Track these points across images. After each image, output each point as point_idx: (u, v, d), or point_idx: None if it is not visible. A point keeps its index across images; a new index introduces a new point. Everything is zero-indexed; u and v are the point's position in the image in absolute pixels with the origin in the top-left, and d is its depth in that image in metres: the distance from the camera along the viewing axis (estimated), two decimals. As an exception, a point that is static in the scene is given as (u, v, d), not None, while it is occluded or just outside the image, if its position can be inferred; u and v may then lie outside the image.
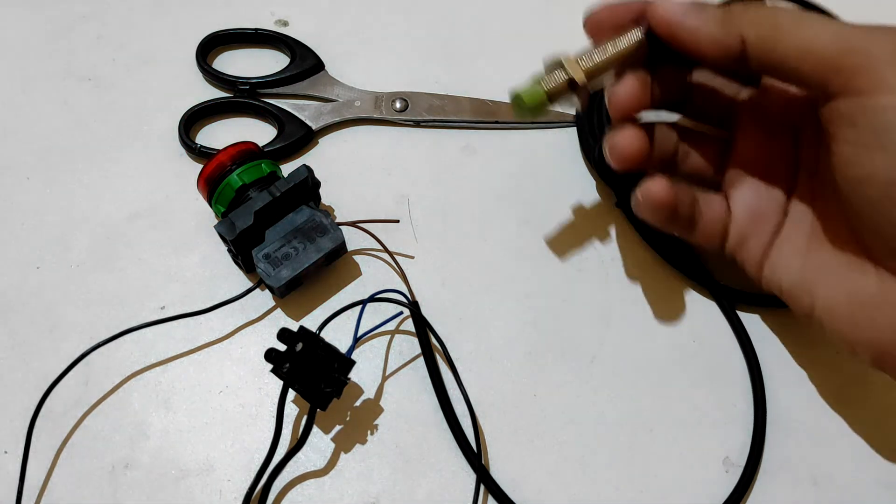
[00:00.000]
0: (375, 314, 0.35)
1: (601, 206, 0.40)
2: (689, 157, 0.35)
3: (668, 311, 0.37)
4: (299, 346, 0.31)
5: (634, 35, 0.31)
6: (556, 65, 0.31)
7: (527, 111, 0.31)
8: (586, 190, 0.40)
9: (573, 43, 0.45)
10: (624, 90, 0.32)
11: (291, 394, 0.33)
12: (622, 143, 0.32)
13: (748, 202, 0.34)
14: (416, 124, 0.42)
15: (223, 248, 0.37)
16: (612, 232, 0.39)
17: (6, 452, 0.33)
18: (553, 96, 0.31)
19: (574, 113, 0.32)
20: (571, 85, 0.31)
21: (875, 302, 0.29)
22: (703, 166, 0.35)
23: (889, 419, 0.34)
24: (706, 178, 0.35)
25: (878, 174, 0.26)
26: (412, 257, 0.38)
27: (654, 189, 0.32)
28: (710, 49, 0.30)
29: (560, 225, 0.39)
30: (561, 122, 0.43)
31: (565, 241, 0.39)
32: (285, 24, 0.46)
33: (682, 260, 0.37)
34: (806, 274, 0.32)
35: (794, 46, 0.27)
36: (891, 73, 0.25)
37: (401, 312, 0.35)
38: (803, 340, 0.36)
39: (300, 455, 0.32)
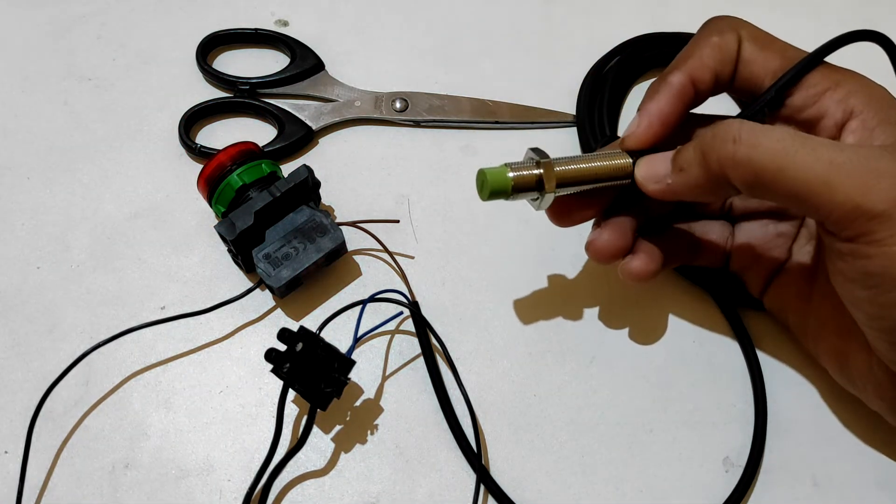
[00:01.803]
0: (375, 314, 0.35)
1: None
2: (697, 203, 0.36)
3: (668, 311, 0.37)
4: (299, 346, 0.31)
5: (623, 161, 0.30)
6: (533, 159, 0.30)
7: (487, 193, 0.29)
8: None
9: (572, 42, 0.46)
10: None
11: (291, 394, 0.33)
12: (602, 246, 0.32)
13: (753, 235, 0.34)
14: (416, 124, 0.42)
15: (223, 248, 0.37)
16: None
17: (6, 452, 0.33)
18: (518, 188, 0.29)
19: (535, 209, 0.31)
20: (539, 185, 0.30)
21: (865, 375, 0.30)
22: (710, 207, 0.36)
23: (889, 419, 0.34)
24: (713, 211, 0.36)
25: (862, 306, 0.26)
26: (412, 257, 0.38)
27: (634, 267, 0.32)
28: (704, 198, 0.29)
29: (560, 225, 0.39)
30: (561, 122, 0.43)
31: (565, 241, 0.39)
32: (285, 24, 0.46)
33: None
34: (808, 318, 0.33)
35: (782, 193, 0.26)
36: (878, 225, 0.24)
37: (401, 312, 0.35)
38: (803, 340, 0.36)
39: (300, 455, 0.32)
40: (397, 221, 0.38)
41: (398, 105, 0.42)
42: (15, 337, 0.35)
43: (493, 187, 0.29)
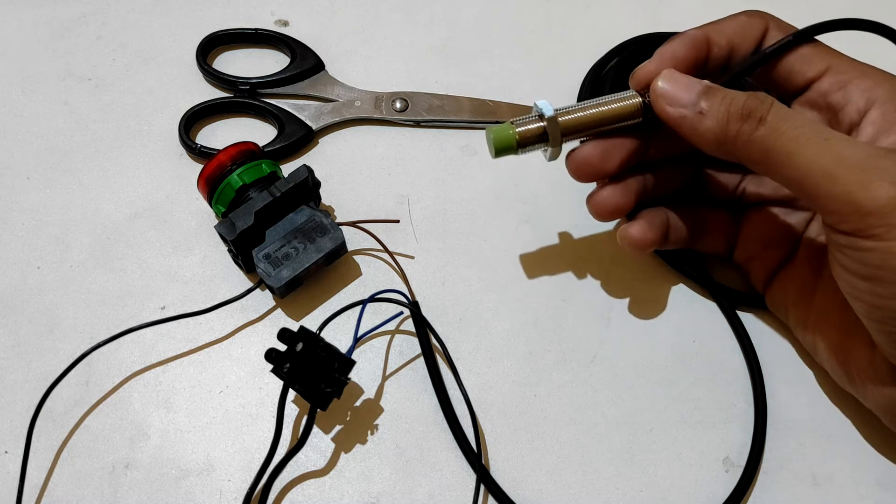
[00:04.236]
0: (375, 314, 0.35)
1: (601, 206, 0.40)
2: (709, 182, 0.36)
3: (668, 311, 0.37)
4: (299, 347, 0.31)
5: (630, 101, 0.31)
6: (537, 112, 0.31)
7: (493, 150, 0.30)
8: (586, 189, 0.40)
9: (572, 42, 0.46)
10: (583, 154, 0.32)
11: (291, 394, 0.33)
12: (601, 200, 0.33)
13: (762, 224, 0.34)
14: (416, 124, 0.42)
15: (223, 248, 0.37)
16: (613, 231, 0.39)
17: (6, 452, 0.33)
18: (523, 143, 0.30)
19: (547, 160, 0.32)
20: (544, 137, 0.30)
21: (865, 372, 0.30)
22: (722, 190, 0.36)
23: (889, 419, 0.34)
24: (725, 198, 0.36)
25: (862, 297, 0.27)
26: (412, 257, 0.38)
27: (632, 232, 0.32)
28: (703, 147, 0.29)
29: (560, 224, 0.39)
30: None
31: (565, 241, 0.39)
32: (285, 24, 0.46)
33: (683, 260, 0.37)
34: (811, 313, 0.32)
35: (785, 177, 0.26)
36: (873, 220, 0.25)
37: (401, 312, 0.35)
38: (803, 340, 0.36)
39: (300, 455, 0.32)
40: (397, 221, 0.38)
41: (398, 105, 0.42)
42: (15, 337, 0.35)
43: (498, 145, 0.30)
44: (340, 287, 0.37)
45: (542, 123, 0.30)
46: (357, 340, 0.33)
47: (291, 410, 0.34)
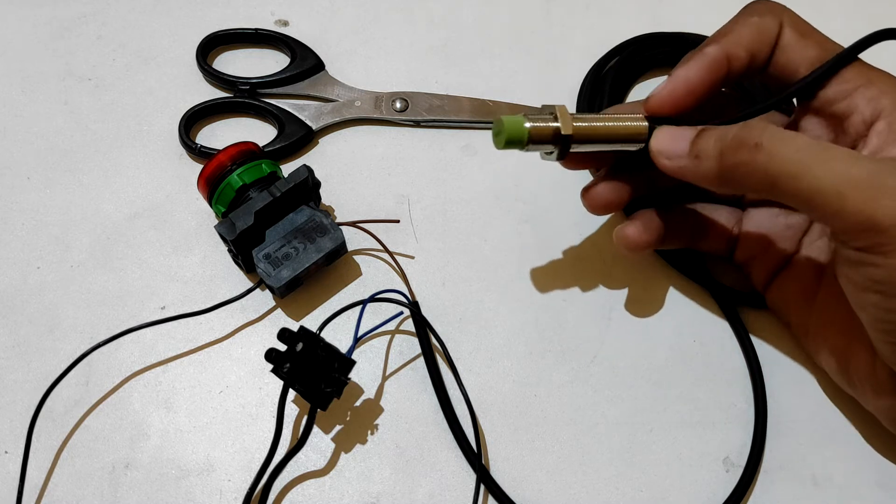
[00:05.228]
0: (375, 314, 0.35)
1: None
2: None
3: (668, 311, 0.37)
4: (299, 347, 0.31)
5: (641, 124, 0.31)
6: (552, 112, 0.30)
7: (502, 141, 0.30)
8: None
9: (572, 42, 0.46)
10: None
11: (291, 394, 0.33)
12: (595, 195, 0.33)
13: (762, 224, 0.34)
14: (416, 124, 0.42)
15: (223, 248, 0.37)
16: (613, 231, 0.39)
17: (6, 452, 0.33)
18: (534, 138, 0.30)
19: (550, 161, 0.32)
20: (555, 137, 0.30)
21: (866, 376, 0.30)
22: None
23: (889, 419, 0.34)
24: (726, 197, 0.36)
25: (869, 309, 0.27)
26: (412, 257, 0.38)
27: (628, 234, 0.33)
28: (712, 189, 0.29)
29: (560, 224, 0.39)
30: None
31: (565, 241, 0.39)
32: (285, 24, 0.46)
33: (683, 260, 0.37)
34: (811, 316, 0.32)
35: (793, 198, 0.26)
36: (886, 238, 0.24)
37: (401, 312, 0.35)
38: (803, 340, 0.36)
39: (300, 455, 0.32)
40: (397, 221, 0.38)
41: (398, 105, 0.42)
42: (15, 337, 0.35)
43: (509, 136, 0.29)
44: (340, 287, 0.37)
45: (556, 125, 0.30)
46: (357, 340, 0.33)
47: (291, 410, 0.34)
